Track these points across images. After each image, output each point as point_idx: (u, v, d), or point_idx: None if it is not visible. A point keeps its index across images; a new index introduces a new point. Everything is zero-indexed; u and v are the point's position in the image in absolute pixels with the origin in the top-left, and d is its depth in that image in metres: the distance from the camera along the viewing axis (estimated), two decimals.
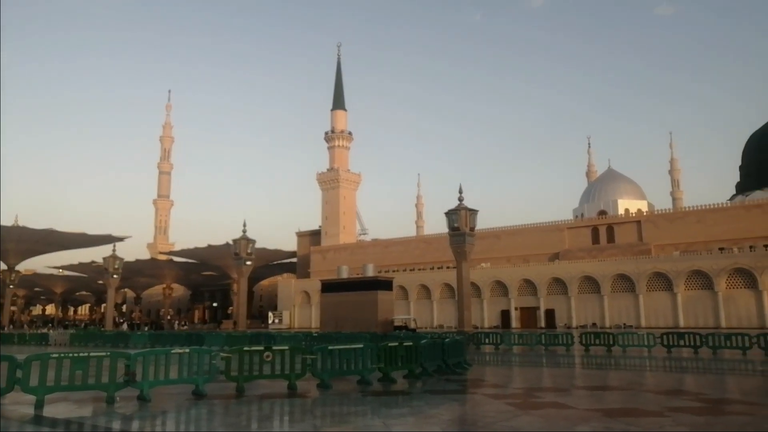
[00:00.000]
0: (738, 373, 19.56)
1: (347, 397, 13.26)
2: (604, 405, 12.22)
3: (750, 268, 59.36)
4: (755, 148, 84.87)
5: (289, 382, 13.71)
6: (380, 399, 12.91)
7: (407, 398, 13.10)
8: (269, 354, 13.87)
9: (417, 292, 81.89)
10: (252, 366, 13.53)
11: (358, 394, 13.41)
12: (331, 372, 14.43)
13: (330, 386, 13.97)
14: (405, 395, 13.52)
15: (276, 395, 13.27)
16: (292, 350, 14.30)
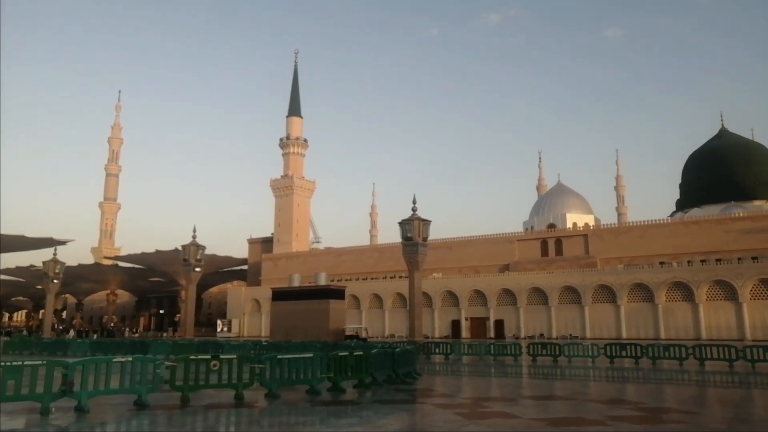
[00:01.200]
0: (675, 383, 20.33)
1: (295, 407, 13.09)
2: (549, 414, 12.48)
3: (687, 282, 62.00)
4: (693, 168, 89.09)
5: (237, 391, 13.44)
6: (329, 409, 12.81)
7: (356, 408, 13.04)
8: (216, 363, 13.57)
9: (369, 301, 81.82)
10: (198, 375, 13.19)
11: (307, 404, 13.27)
12: (279, 381, 14.23)
13: (278, 396, 13.77)
14: (354, 405, 13.45)
15: (222, 405, 12.98)
16: (240, 359, 14.04)
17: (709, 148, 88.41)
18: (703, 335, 58.15)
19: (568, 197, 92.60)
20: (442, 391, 17.39)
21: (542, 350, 30.46)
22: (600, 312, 65.90)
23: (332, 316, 46.16)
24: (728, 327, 58.72)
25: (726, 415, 13.12)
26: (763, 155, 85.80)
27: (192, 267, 47.34)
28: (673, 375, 22.52)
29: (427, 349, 33.85)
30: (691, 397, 16.60)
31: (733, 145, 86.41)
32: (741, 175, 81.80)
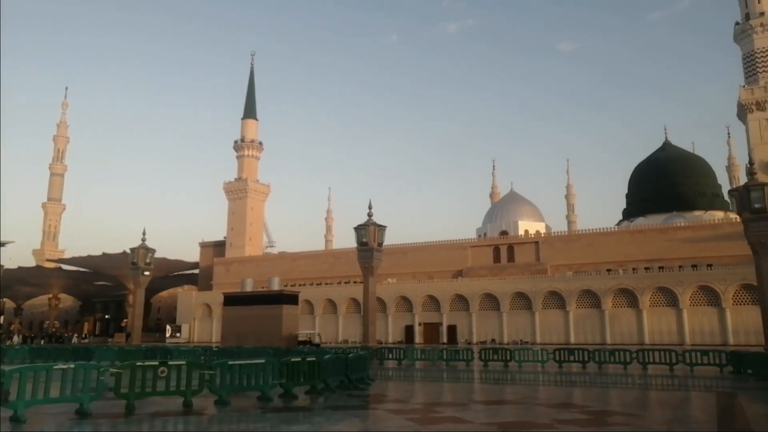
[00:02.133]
0: (620, 387, 20.99)
1: (246, 413, 12.87)
2: (499, 419, 12.67)
3: (632, 289, 64.25)
4: (639, 179, 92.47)
5: (185, 398, 13.10)
6: (280, 415, 12.65)
7: (308, 414, 12.92)
8: (164, 369, 13.17)
9: (323, 306, 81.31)
10: (145, 382, 12.77)
11: (258, 411, 13.07)
12: (230, 388, 13.96)
13: (228, 403, 13.50)
14: (306, 411, 13.32)
15: (170, 413, 12.63)
16: (189, 365, 13.69)
17: (653, 160, 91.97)
18: (647, 340, 60.29)
19: (521, 205, 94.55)
20: (394, 397, 17.43)
21: (494, 355, 30.93)
22: (550, 318, 67.47)
23: (285, 321, 45.72)
24: (669, 332, 61.12)
25: (666, 417, 13.62)
26: (703, 168, 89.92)
27: (141, 270, 46.06)
28: (618, 379, 23.24)
29: (381, 354, 33.89)
30: (634, 400, 17.17)
31: (675, 158, 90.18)
32: (682, 186, 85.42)
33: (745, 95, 75.40)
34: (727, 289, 59.47)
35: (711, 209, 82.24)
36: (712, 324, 59.76)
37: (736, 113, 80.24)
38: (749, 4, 78.49)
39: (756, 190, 28.44)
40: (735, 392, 18.23)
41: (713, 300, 60.39)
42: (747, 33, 77.76)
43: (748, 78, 77.55)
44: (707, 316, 60.27)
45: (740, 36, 79.05)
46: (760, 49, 76.73)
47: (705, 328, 59.82)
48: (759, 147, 73.69)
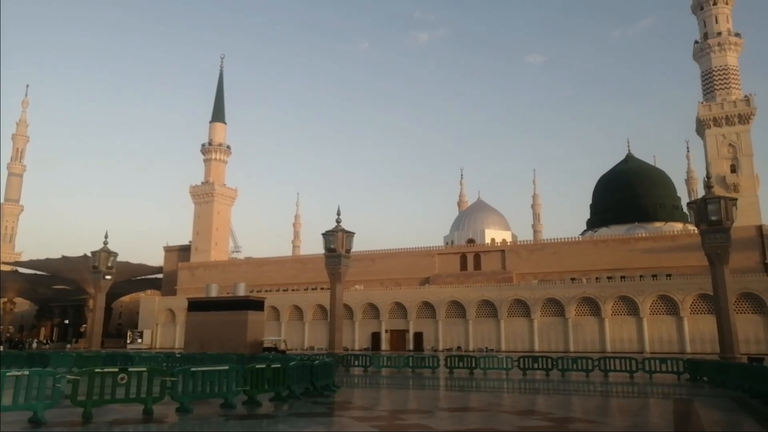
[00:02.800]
0: (582, 394, 21.35)
1: (208, 421, 12.65)
2: (463, 426, 12.73)
3: (595, 298, 65.59)
4: (602, 190, 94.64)
5: (146, 406, 12.81)
6: (243, 423, 12.47)
7: (272, 422, 12.77)
8: (124, 376, 12.85)
9: (289, 313, 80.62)
10: (104, 389, 12.43)
11: (220, 419, 12.85)
12: (192, 395, 13.70)
13: (190, 410, 13.25)
14: (270, 419, 13.16)
15: (129, 421, 12.33)
16: (150, 372, 13.39)
17: (617, 172, 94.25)
18: (608, 348, 61.54)
19: (488, 214, 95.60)
20: (360, 404, 17.36)
21: (459, 363, 31.11)
22: (515, 325, 68.26)
23: (250, 327, 45.17)
24: (630, 340, 62.53)
25: (625, 423, 13.92)
26: (663, 180, 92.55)
27: (102, 275, 44.88)
28: (580, 386, 23.63)
29: (347, 361, 33.77)
30: (595, 407, 17.48)
31: (637, 170, 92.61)
32: (644, 198, 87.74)
33: (703, 111, 78.07)
34: (685, 298, 61.21)
35: (671, 221, 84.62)
36: (671, 332, 61.39)
37: (695, 128, 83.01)
38: (707, 24, 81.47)
39: (713, 203, 29.39)
40: (691, 399, 18.73)
41: (672, 309, 62.06)
42: (705, 52, 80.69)
43: (707, 95, 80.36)
44: (666, 324, 61.89)
45: (699, 54, 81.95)
46: (717, 68, 79.67)
47: (664, 337, 61.41)
48: (716, 161, 76.35)
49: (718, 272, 29.04)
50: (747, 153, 75.79)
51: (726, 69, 79.40)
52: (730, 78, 79.14)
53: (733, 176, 74.92)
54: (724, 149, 76.57)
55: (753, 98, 76.86)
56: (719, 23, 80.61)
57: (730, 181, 74.40)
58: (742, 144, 76.09)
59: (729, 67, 79.46)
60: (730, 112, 76.54)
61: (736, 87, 79.03)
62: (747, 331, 54.64)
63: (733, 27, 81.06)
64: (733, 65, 79.90)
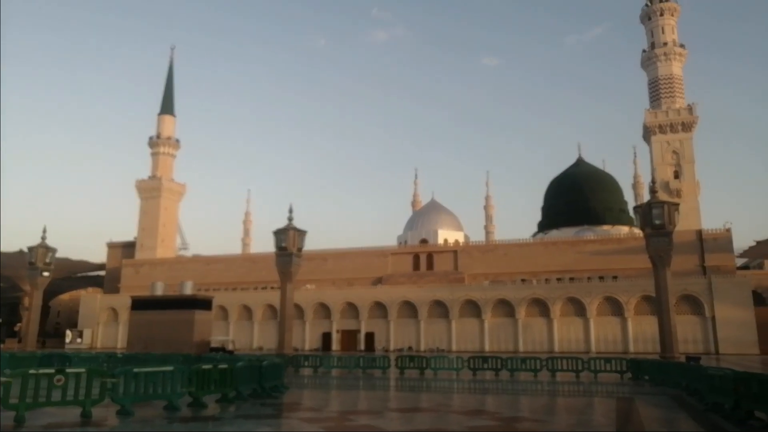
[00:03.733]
0: (530, 393, 21.74)
1: (150, 423, 12.20)
2: (413, 426, 12.73)
3: (544, 299, 67.11)
4: (553, 193, 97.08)
5: (83, 409, 12.24)
6: (187, 425, 12.09)
7: (217, 424, 12.44)
8: (61, 377, 12.24)
9: (238, 312, 79.15)
10: (38, 391, 11.80)
11: (163, 421, 12.42)
12: (134, 397, 13.19)
13: (132, 413, 12.75)
14: (215, 421, 12.82)
15: (65, 424, 11.76)
16: (89, 373, 12.81)
17: (567, 176, 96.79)
18: (556, 348, 63.09)
19: (441, 214, 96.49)
20: (309, 405, 17.15)
21: (410, 363, 31.18)
22: (466, 326, 69.09)
23: (197, 327, 44.10)
24: (577, 340, 64.30)
25: (570, 422, 14.24)
26: (612, 185, 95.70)
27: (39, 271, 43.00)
28: (528, 386, 24.07)
29: (297, 361, 33.37)
30: (542, 406, 17.82)
31: (587, 174, 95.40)
32: (593, 201, 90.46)
33: (649, 118, 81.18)
34: (629, 300, 63.42)
35: (618, 224, 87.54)
36: (615, 333, 63.47)
37: (642, 135, 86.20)
38: (655, 34, 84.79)
39: (657, 207, 30.54)
40: (633, 397, 19.32)
41: (617, 310, 64.17)
42: (652, 60, 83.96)
43: (653, 102, 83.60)
44: (611, 325, 63.94)
45: (646, 63, 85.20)
46: (663, 77, 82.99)
47: (609, 337, 63.44)
48: (661, 167, 79.50)
49: (661, 275, 30.18)
50: (689, 160, 79.22)
51: (671, 78, 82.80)
52: (674, 87, 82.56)
53: (676, 182, 78.16)
54: (669, 156, 79.85)
55: (695, 107, 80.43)
56: (665, 34, 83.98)
57: (674, 186, 77.59)
58: (685, 151, 79.50)
59: (674, 77, 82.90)
60: (675, 119, 79.86)
61: (680, 96, 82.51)
62: (686, 331, 57.08)
63: (678, 38, 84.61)
64: (677, 75, 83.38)
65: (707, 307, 60.66)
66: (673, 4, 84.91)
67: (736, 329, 58.62)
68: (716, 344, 59.17)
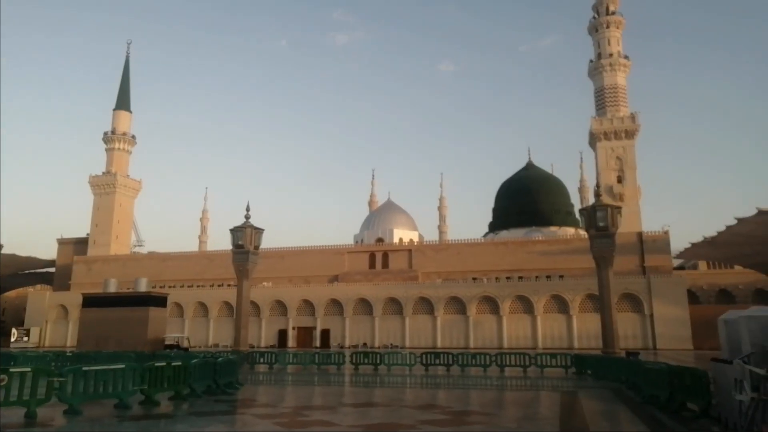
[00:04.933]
0: (479, 388, 22.42)
1: (99, 423, 12.12)
2: (366, 421, 13.06)
3: (494, 297, 68.68)
4: (504, 194, 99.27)
5: (28, 409, 12.01)
6: (138, 423, 12.07)
7: (170, 422, 12.46)
8: (4, 377, 11.96)
9: (194, 309, 77.96)
10: None
11: (113, 420, 12.35)
12: (83, 396, 13.04)
13: (80, 412, 12.61)
14: (168, 418, 12.83)
15: (9, 426, 11.52)
16: (35, 372, 12.56)
17: (518, 178, 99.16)
18: (505, 344, 64.69)
19: (397, 214, 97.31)
20: (263, 401, 17.27)
21: (364, 359, 31.57)
22: (419, 323, 70.03)
23: (151, 324, 43.40)
24: (525, 337, 66.08)
25: (517, 415, 14.85)
26: (559, 188, 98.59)
27: None
28: (478, 381, 24.78)
29: (252, 358, 33.29)
30: (491, 400, 18.47)
31: (536, 177, 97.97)
32: (541, 203, 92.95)
33: (595, 126, 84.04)
34: (574, 298, 65.60)
35: (564, 226, 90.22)
36: (561, 329, 65.54)
37: (588, 141, 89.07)
38: (601, 45, 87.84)
39: (601, 210, 31.84)
40: (576, 391, 20.21)
41: (563, 308, 66.26)
42: (598, 70, 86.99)
43: (599, 110, 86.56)
44: (557, 322, 66.00)
45: (593, 73, 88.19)
46: (608, 86, 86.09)
47: (555, 333, 65.44)
48: (605, 172, 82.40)
49: (604, 274, 31.47)
50: (631, 166, 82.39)
51: (616, 88, 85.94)
52: (618, 96, 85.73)
53: (619, 186, 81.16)
54: (612, 161, 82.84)
55: (637, 116, 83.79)
56: (611, 45, 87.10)
57: (617, 191, 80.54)
58: (628, 157, 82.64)
59: (618, 86, 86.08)
60: (618, 127, 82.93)
61: (624, 104, 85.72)
62: (626, 328, 59.48)
63: (623, 49, 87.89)
64: (622, 84, 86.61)
65: (646, 305, 63.38)
66: (619, 18, 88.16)
67: (673, 326, 61.48)
68: (654, 340, 61.92)
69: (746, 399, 9.10)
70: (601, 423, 13.46)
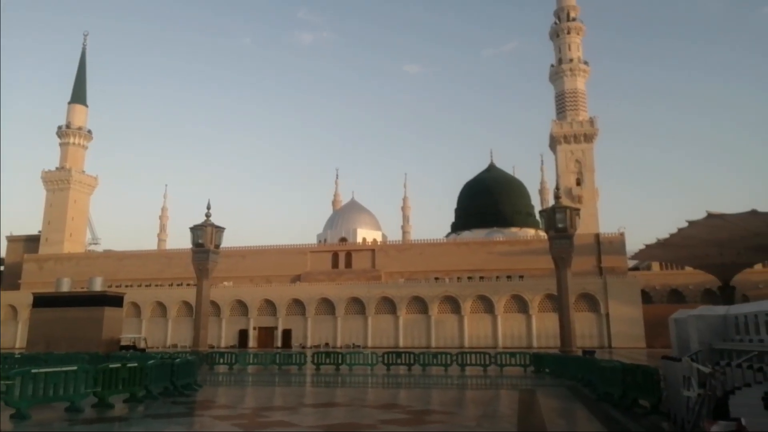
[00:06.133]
0: (440, 387, 22.61)
1: (48, 427, 11.74)
2: (326, 421, 13.02)
3: (456, 296, 69.37)
4: (466, 195, 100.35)
5: None
6: (90, 427, 11.74)
7: (124, 424, 12.16)
8: None
9: (151, 309, 76.19)
10: None
11: (64, 423, 11.98)
12: (32, 399, 12.59)
13: (28, 416, 12.18)
14: (122, 421, 12.52)
15: None
16: None
17: (480, 180, 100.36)
18: (466, 344, 65.39)
19: (360, 214, 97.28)
20: (222, 402, 17.02)
21: (326, 359, 31.48)
22: (381, 322, 70.17)
23: (107, 325, 42.20)
24: (486, 336, 66.96)
25: (477, 413, 15.05)
26: (520, 189, 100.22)
27: None
28: (439, 380, 25.00)
29: (212, 359, 32.77)
30: (451, 399, 18.66)
31: (498, 179, 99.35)
32: (503, 205, 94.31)
33: (555, 129, 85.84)
34: (534, 298, 66.84)
35: (525, 227, 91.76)
36: (521, 329, 66.69)
37: (549, 144, 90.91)
38: (562, 50, 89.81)
39: (560, 212, 32.57)
40: (534, 389, 20.59)
41: (522, 308, 67.42)
42: (559, 75, 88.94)
43: (559, 114, 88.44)
44: (517, 322, 67.11)
45: (554, 77, 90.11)
46: (569, 90, 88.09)
47: (515, 333, 66.54)
48: (565, 175, 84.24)
49: (562, 274, 32.20)
50: (590, 169, 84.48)
51: (576, 92, 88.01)
52: (578, 100, 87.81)
53: (578, 189, 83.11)
54: (572, 164, 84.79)
55: (596, 120, 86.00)
56: (572, 51, 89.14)
57: (576, 193, 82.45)
58: (587, 160, 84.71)
59: (578, 91, 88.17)
60: (578, 131, 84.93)
61: (584, 109, 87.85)
62: (583, 327, 60.89)
63: (583, 55, 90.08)
64: (581, 89, 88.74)
65: (602, 304, 65.10)
66: (579, 24, 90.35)
67: (627, 325, 63.30)
68: (609, 339, 63.62)
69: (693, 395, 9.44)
70: (557, 421, 13.74)
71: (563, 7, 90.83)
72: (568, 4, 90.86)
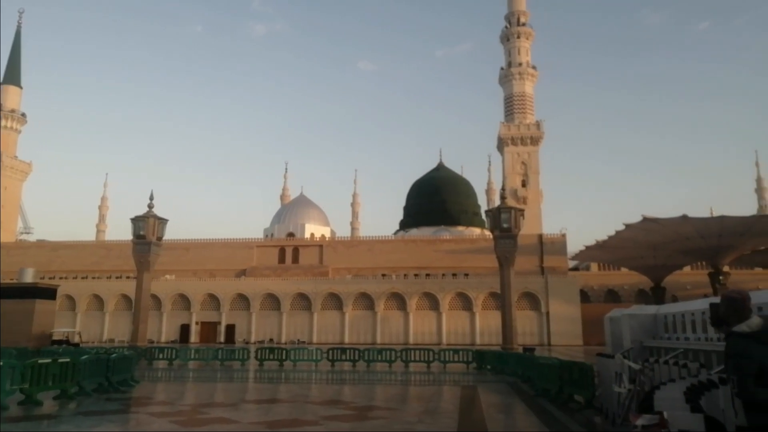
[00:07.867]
0: (384, 383, 22.76)
1: None
2: (268, 418, 12.87)
3: (402, 293, 69.97)
4: (415, 193, 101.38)
5: None
6: (16, 426, 11.18)
7: (52, 422, 11.65)
8: None
9: (87, 302, 73.23)
10: None
11: None
12: None
13: None
14: (51, 419, 11.99)
15: None
16: None
17: (428, 178, 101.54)
18: (411, 340, 66.04)
19: (309, 209, 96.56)
20: (160, 399, 16.57)
21: (269, 355, 31.14)
22: (327, 318, 69.97)
23: (37, 318, 40.28)
24: (431, 333, 67.87)
25: (419, 409, 15.21)
26: (468, 189, 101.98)
27: None
28: (383, 376, 25.15)
29: (151, 354, 31.85)
30: (395, 395, 18.80)
31: (446, 178, 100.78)
32: (450, 203, 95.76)
33: (503, 131, 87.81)
34: (478, 296, 68.18)
35: (471, 226, 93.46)
36: (465, 326, 67.92)
37: (497, 145, 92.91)
38: (511, 54, 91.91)
39: (506, 212, 33.32)
40: (476, 385, 21.00)
41: (467, 305, 68.67)
42: (508, 78, 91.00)
43: (507, 116, 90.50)
44: (461, 319, 68.31)
45: (503, 80, 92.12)
46: (517, 94, 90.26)
47: (459, 330, 67.72)
48: (511, 176, 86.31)
49: (506, 273, 32.97)
50: (535, 171, 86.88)
51: (524, 96, 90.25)
52: (526, 104, 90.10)
53: (523, 190, 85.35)
54: (518, 166, 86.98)
55: (542, 123, 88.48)
56: (521, 55, 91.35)
57: (521, 194, 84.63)
58: (532, 162, 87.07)
59: (526, 95, 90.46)
60: (525, 133, 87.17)
61: (531, 112, 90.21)
62: (525, 325, 62.56)
63: (531, 60, 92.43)
64: (529, 93, 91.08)
65: (543, 303, 67.12)
66: (529, 29, 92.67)
67: (566, 323, 65.54)
68: (549, 336, 65.68)
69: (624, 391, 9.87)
70: (497, 416, 14.06)
71: (514, 11, 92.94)
72: (519, 9, 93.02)
